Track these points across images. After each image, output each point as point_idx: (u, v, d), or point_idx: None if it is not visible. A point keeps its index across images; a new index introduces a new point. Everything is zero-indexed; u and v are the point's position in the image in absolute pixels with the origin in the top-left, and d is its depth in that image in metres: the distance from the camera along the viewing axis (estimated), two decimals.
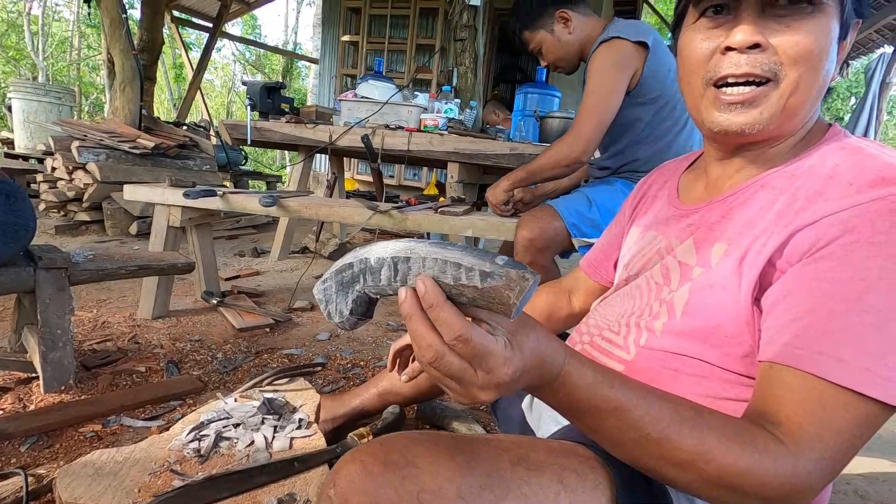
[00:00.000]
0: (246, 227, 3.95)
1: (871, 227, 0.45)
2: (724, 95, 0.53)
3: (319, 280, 0.50)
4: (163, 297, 2.02)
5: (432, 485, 0.44)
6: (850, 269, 0.45)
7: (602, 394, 0.45)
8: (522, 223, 1.52)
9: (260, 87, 2.83)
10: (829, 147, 0.54)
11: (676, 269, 0.61)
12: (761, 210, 0.54)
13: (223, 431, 0.92)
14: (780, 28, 0.50)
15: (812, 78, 0.51)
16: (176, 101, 11.43)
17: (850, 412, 0.43)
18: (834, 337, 0.44)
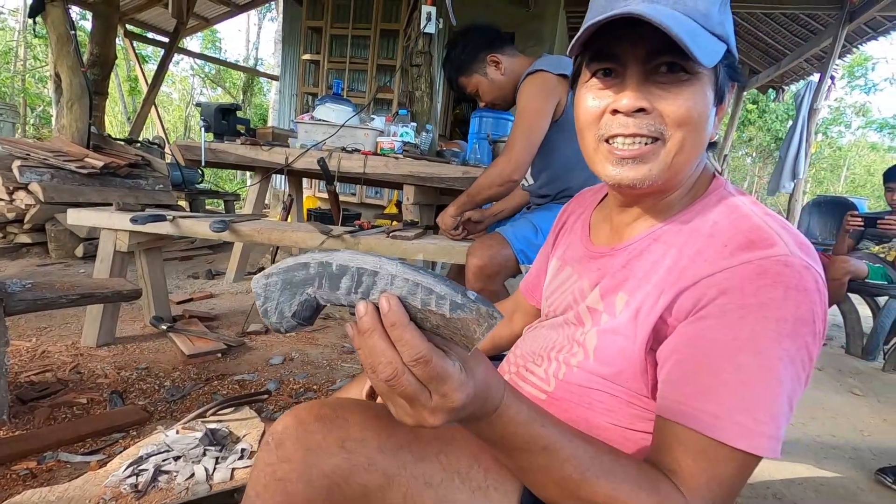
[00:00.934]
0: (201, 247, 3.87)
1: (741, 290, 0.49)
2: (616, 150, 0.56)
3: (262, 273, 0.47)
4: (108, 325, 1.97)
5: (356, 435, 0.52)
6: (724, 330, 0.49)
7: (534, 431, 0.46)
8: (472, 251, 1.58)
9: (215, 109, 2.82)
10: (711, 201, 0.59)
11: (587, 313, 0.65)
12: (654, 264, 0.59)
13: (162, 465, 0.92)
14: (662, 94, 0.54)
15: (694, 139, 0.55)
16: (130, 114, 11.08)
17: (730, 463, 0.48)
18: (710, 395, 0.49)
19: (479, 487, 0.55)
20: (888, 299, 2.73)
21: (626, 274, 0.61)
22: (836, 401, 2.12)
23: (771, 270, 0.49)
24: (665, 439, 0.51)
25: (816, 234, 3.80)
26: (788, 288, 0.48)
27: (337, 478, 0.51)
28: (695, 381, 0.50)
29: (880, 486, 1.46)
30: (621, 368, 0.59)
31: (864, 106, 20.88)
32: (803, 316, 0.48)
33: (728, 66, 0.57)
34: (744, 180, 21.10)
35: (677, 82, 0.53)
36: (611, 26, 0.52)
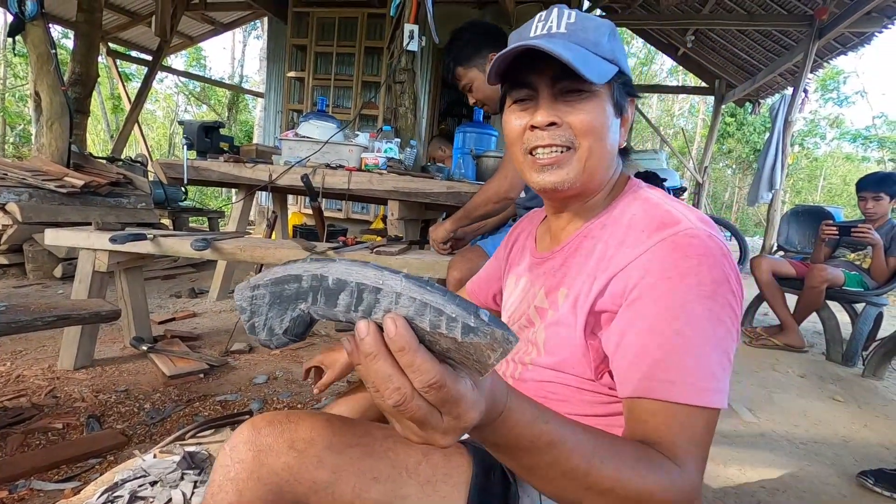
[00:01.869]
0: (184, 265, 3.82)
1: (661, 265, 0.57)
2: (538, 160, 0.67)
3: (246, 284, 0.44)
4: (86, 347, 1.93)
5: (305, 436, 0.56)
6: (656, 305, 0.56)
7: (539, 429, 0.47)
8: (453, 264, 1.58)
9: (198, 127, 2.81)
10: (628, 199, 0.69)
11: (535, 314, 0.73)
12: (586, 257, 0.67)
13: (139, 491, 0.90)
14: (568, 109, 0.64)
15: (600, 146, 0.66)
16: (113, 132, 10.97)
17: (697, 420, 0.53)
18: (661, 365, 0.54)
19: (429, 481, 0.58)
20: (865, 306, 2.79)
21: (564, 271, 0.70)
22: (819, 407, 2.15)
23: (681, 244, 0.57)
24: (639, 416, 0.55)
25: (795, 242, 3.86)
26: (699, 255, 0.56)
27: (287, 475, 0.54)
28: (645, 356, 0.55)
29: (863, 490, 1.48)
30: (566, 356, 0.66)
31: (838, 118, 21.55)
32: (717, 277, 0.56)
33: (622, 83, 0.68)
34: (725, 191, 21.53)
35: (579, 99, 0.64)
36: (522, 60, 0.63)
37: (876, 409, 2.18)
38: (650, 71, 20.55)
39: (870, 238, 2.67)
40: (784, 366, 2.66)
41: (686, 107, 21.74)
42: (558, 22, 0.66)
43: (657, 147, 13.12)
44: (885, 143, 18.80)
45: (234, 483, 0.54)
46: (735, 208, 20.69)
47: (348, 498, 0.55)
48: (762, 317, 3.62)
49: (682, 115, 22.17)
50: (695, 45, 7.21)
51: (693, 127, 20.15)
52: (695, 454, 0.53)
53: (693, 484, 0.51)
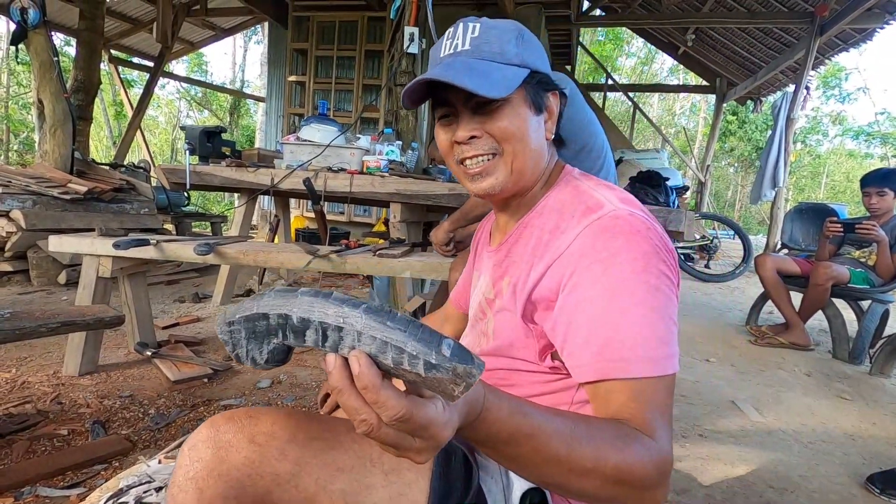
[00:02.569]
0: (187, 270, 3.83)
1: (593, 248, 0.60)
2: (468, 170, 0.71)
3: (223, 319, 0.46)
4: (91, 353, 1.93)
5: (266, 430, 0.56)
6: (595, 286, 0.59)
7: (517, 422, 0.48)
8: (454, 266, 1.58)
9: (200, 132, 2.82)
10: (560, 187, 0.73)
11: (486, 304, 0.77)
12: (524, 246, 0.71)
13: (144, 497, 0.90)
14: (486, 119, 0.68)
15: (524, 147, 0.69)
16: (116, 138, 11.02)
17: (659, 390, 0.56)
18: (612, 345, 0.57)
19: (393, 469, 0.59)
20: (871, 303, 2.77)
21: (508, 261, 0.73)
22: (826, 406, 2.13)
23: (607, 226, 0.61)
24: (603, 398, 0.57)
25: (799, 240, 3.85)
26: (625, 234, 0.60)
27: (248, 469, 0.54)
28: (594, 339, 0.58)
29: (871, 493, 1.46)
30: (512, 340, 0.69)
31: (840, 115, 21.46)
32: (646, 250, 0.59)
33: (538, 82, 0.70)
34: (727, 190, 21.46)
35: (493, 109, 0.67)
36: (435, 83, 0.66)
37: (884, 406, 2.17)
38: (651, 70, 20.54)
39: (874, 234, 2.65)
40: (790, 364, 2.64)
41: (687, 105, 21.70)
42: (463, 38, 0.68)
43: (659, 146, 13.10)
44: (888, 140, 18.71)
45: (195, 482, 0.54)
46: (738, 206, 20.63)
47: (312, 490, 0.55)
48: (767, 315, 3.60)
49: (683, 114, 22.13)
50: (695, 43, 7.20)
51: (694, 126, 20.11)
52: (662, 422, 0.55)
53: (666, 450, 0.54)
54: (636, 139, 15.50)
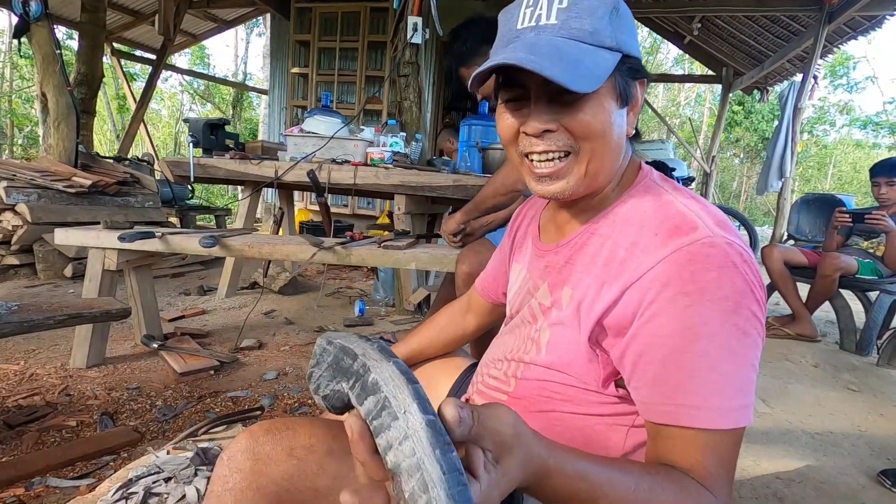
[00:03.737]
0: (192, 263, 3.84)
1: (679, 278, 0.53)
2: (535, 168, 0.62)
3: (327, 335, 0.46)
4: (98, 345, 1.94)
5: (304, 443, 0.54)
6: (676, 322, 0.52)
7: (581, 486, 0.47)
8: (461, 258, 1.57)
9: (203, 124, 2.81)
10: (639, 193, 0.64)
11: (538, 309, 0.69)
12: (593, 257, 0.63)
13: (153, 487, 0.90)
14: (566, 111, 0.58)
15: (603, 146, 0.60)
16: (119, 132, 11.03)
17: (725, 443, 0.52)
18: (685, 389, 0.52)
19: None
20: (879, 294, 2.75)
21: (569, 269, 0.66)
22: (833, 397, 2.12)
23: (699, 254, 0.53)
24: (664, 442, 0.54)
25: (806, 231, 3.82)
26: (719, 267, 0.52)
27: (287, 483, 0.54)
28: (667, 380, 0.53)
29: (881, 486, 1.45)
30: (571, 359, 0.63)
31: (848, 104, 21.24)
32: (740, 288, 0.52)
33: (629, 68, 0.61)
34: (733, 181, 21.32)
35: (576, 100, 0.57)
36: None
37: (892, 398, 2.15)
38: (656, 60, 20.33)
39: (884, 224, 2.62)
40: (797, 356, 2.63)
41: (692, 96, 21.50)
42: (548, 9, 0.58)
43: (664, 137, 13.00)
44: None
45: (233, 493, 0.53)
46: (743, 197, 20.48)
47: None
48: (774, 306, 3.59)
49: (688, 105, 21.94)
50: (701, 32, 7.10)
51: (699, 116, 19.94)
52: (724, 476, 0.52)
53: (719, 493, 0.51)
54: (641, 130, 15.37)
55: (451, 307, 1.05)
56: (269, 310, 2.89)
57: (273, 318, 2.76)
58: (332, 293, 3.45)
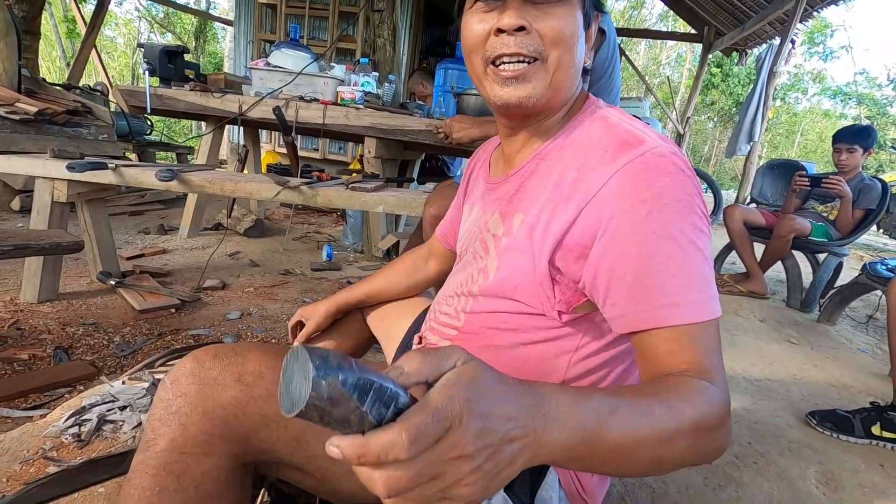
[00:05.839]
0: (152, 202, 3.69)
1: (635, 188, 0.54)
2: (502, 72, 0.61)
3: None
4: (50, 280, 1.87)
5: (254, 369, 0.54)
6: (640, 230, 0.54)
7: (600, 440, 0.41)
8: (430, 201, 1.55)
9: (160, 51, 2.62)
10: (586, 118, 0.65)
11: (490, 240, 0.69)
12: (543, 181, 0.64)
13: (107, 415, 0.90)
14: (538, 14, 0.59)
15: (569, 58, 0.61)
16: (70, 59, 10.18)
17: (709, 334, 0.53)
18: (661, 291, 0.53)
19: None
20: (827, 256, 2.90)
21: (520, 196, 0.66)
22: (775, 349, 2.27)
23: (651, 163, 0.55)
24: (655, 349, 0.54)
25: (768, 195, 3.93)
26: (670, 173, 0.55)
27: (234, 409, 0.53)
28: (642, 286, 0.54)
29: (807, 426, 1.58)
30: (519, 283, 0.63)
31: (821, 73, 21.52)
32: (689, 190, 0.55)
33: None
34: (705, 144, 21.62)
35: (550, 3, 0.59)
36: None
37: (826, 351, 2.32)
38: (640, 15, 19.92)
39: (839, 189, 2.72)
40: (746, 311, 2.77)
41: (674, 55, 21.32)
42: None
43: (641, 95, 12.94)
44: (864, 100, 18.96)
45: (178, 417, 0.52)
46: (713, 161, 20.88)
47: (300, 430, 0.55)
48: (730, 265, 3.74)
49: (668, 64, 21.78)
50: None
51: (679, 77, 19.87)
52: (718, 364, 0.53)
53: (725, 392, 0.52)
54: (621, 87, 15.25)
55: (415, 252, 1.06)
56: (234, 251, 2.83)
57: (237, 259, 2.71)
58: (301, 237, 3.39)
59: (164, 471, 0.50)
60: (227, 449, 0.52)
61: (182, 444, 0.51)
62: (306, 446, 0.55)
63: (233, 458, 0.53)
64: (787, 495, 1.21)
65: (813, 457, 1.39)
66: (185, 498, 0.50)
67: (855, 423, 1.48)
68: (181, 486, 0.50)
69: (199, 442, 0.51)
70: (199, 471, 0.51)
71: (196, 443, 0.51)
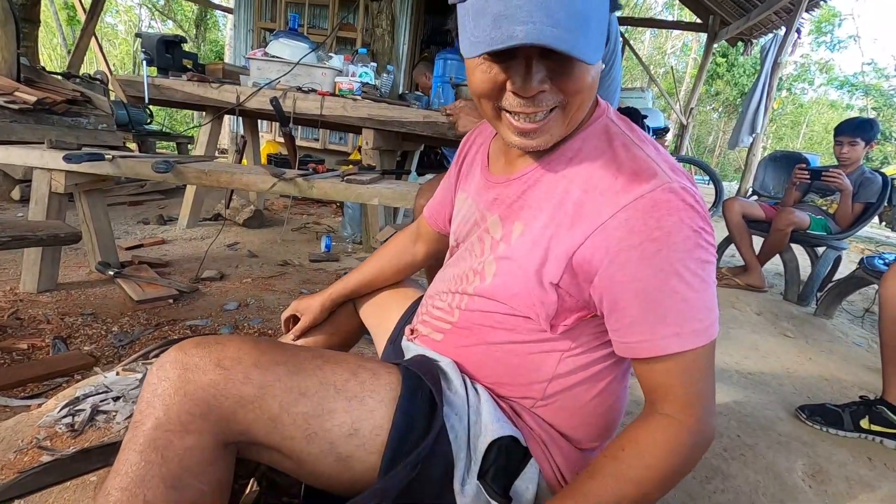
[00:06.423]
0: (152, 192, 3.70)
1: (645, 226, 0.56)
2: (516, 123, 0.58)
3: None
4: (49, 270, 1.88)
5: (232, 355, 0.58)
6: (647, 267, 0.56)
7: None
8: (420, 192, 1.56)
9: (157, 40, 2.61)
10: (595, 130, 0.64)
11: (488, 240, 0.70)
12: (547, 194, 0.64)
13: (100, 405, 0.91)
14: (556, 69, 0.54)
15: (591, 96, 0.60)
16: (70, 47, 10.13)
17: (703, 360, 0.58)
18: (664, 322, 0.57)
19: (356, 396, 0.61)
20: (826, 249, 2.89)
21: (521, 204, 0.66)
22: (770, 342, 2.27)
23: (661, 200, 0.56)
24: (650, 379, 0.60)
25: (770, 187, 3.91)
26: (679, 210, 0.56)
27: (213, 391, 0.56)
28: (645, 319, 0.57)
29: (797, 419, 1.60)
30: (516, 292, 0.65)
31: (828, 63, 21.27)
32: (697, 225, 0.57)
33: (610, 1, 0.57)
34: (709, 135, 21.46)
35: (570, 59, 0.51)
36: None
37: (822, 344, 2.32)
38: (645, 3, 19.67)
39: (839, 182, 2.71)
40: (743, 304, 2.78)
41: (679, 45, 21.08)
42: None
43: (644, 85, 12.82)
44: (870, 91, 18.76)
45: (161, 398, 0.55)
46: (717, 153, 20.74)
47: (276, 411, 0.57)
48: (729, 258, 3.74)
49: (674, 54, 21.55)
50: None
51: (684, 67, 19.67)
52: (703, 390, 0.59)
53: (702, 422, 0.58)
54: (624, 77, 15.10)
55: (401, 235, 1.06)
56: (233, 242, 2.84)
57: (236, 250, 2.72)
58: (299, 228, 3.40)
59: (149, 447, 0.53)
60: (207, 428, 0.55)
61: (166, 422, 0.54)
62: (282, 427, 0.58)
63: (213, 436, 0.56)
64: (774, 487, 1.23)
65: (801, 450, 1.41)
66: (168, 471, 0.53)
67: (844, 416, 1.49)
68: (164, 460, 0.53)
69: (181, 421, 0.54)
70: (182, 446, 0.54)
71: (178, 422, 0.54)
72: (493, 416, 0.67)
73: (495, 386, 0.71)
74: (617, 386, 0.71)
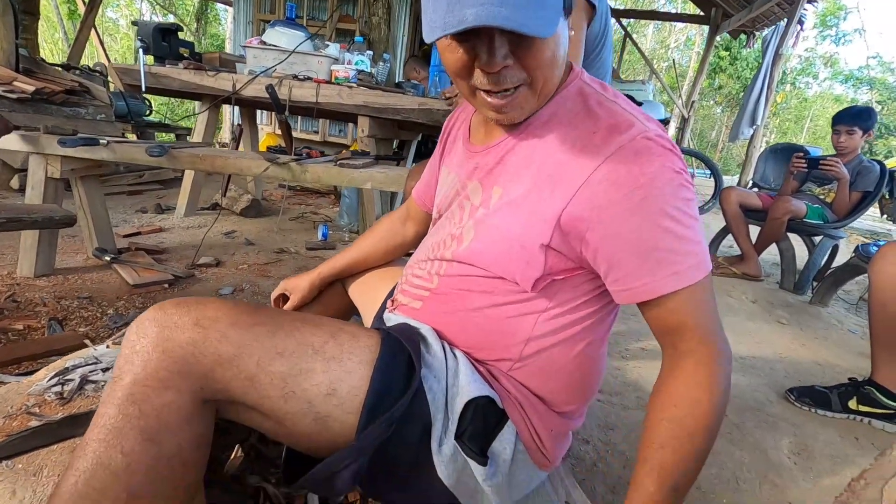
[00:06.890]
0: (150, 182, 3.71)
1: (629, 173, 0.58)
2: (489, 100, 0.61)
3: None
4: (46, 254, 1.90)
5: (211, 315, 0.58)
6: (637, 215, 0.58)
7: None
8: (411, 175, 1.57)
9: (153, 28, 2.62)
10: (570, 93, 0.66)
11: (467, 206, 0.71)
12: (526, 159, 0.65)
13: (89, 375, 0.93)
14: (521, 45, 0.56)
15: (554, 70, 0.61)
16: (71, 41, 10.13)
17: (706, 292, 0.60)
18: (663, 262, 0.58)
19: (334, 357, 0.62)
20: (822, 238, 2.89)
21: (500, 169, 0.68)
22: (764, 329, 2.28)
23: (641, 148, 0.58)
24: (664, 322, 0.61)
25: (770, 179, 3.89)
26: (659, 156, 0.58)
27: (192, 348, 0.56)
28: (645, 263, 0.59)
29: (787, 401, 1.61)
30: (496, 255, 0.66)
31: (833, 57, 21.11)
32: (678, 167, 0.59)
33: None
34: (712, 129, 21.36)
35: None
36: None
37: (816, 331, 2.33)
38: None
39: (837, 170, 2.70)
40: (739, 292, 2.78)
41: (682, 38, 20.95)
42: None
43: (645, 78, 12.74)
44: (876, 85, 18.62)
45: (140, 355, 0.56)
46: (720, 147, 20.64)
47: (253, 370, 0.58)
48: (727, 248, 3.73)
49: (677, 48, 21.42)
50: None
51: (687, 61, 19.56)
52: (715, 319, 0.60)
53: (724, 343, 0.60)
54: (626, 70, 15.02)
55: (392, 216, 1.07)
56: (230, 230, 2.86)
57: (233, 238, 2.74)
58: (296, 217, 3.41)
59: (127, 401, 0.54)
60: (186, 385, 0.56)
61: (144, 378, 0.55)
62: (259, 386, 0.59)
63: (191, 393, 0.57)
64: (759, 464, 1.24)
65: (788, 430, 1.42)
66: (145, 424, 0.54)
67: (832, 398, 1.50)
68: (142, 414, 0.54)
69: (159, 378, 0.55)
70: (160, 402, 0.55)
71: (157, 378, 0.55)
72: (469, 378, 0.68)
73: (473, 350, 0.72)
74: (594, 350, 0.72)
